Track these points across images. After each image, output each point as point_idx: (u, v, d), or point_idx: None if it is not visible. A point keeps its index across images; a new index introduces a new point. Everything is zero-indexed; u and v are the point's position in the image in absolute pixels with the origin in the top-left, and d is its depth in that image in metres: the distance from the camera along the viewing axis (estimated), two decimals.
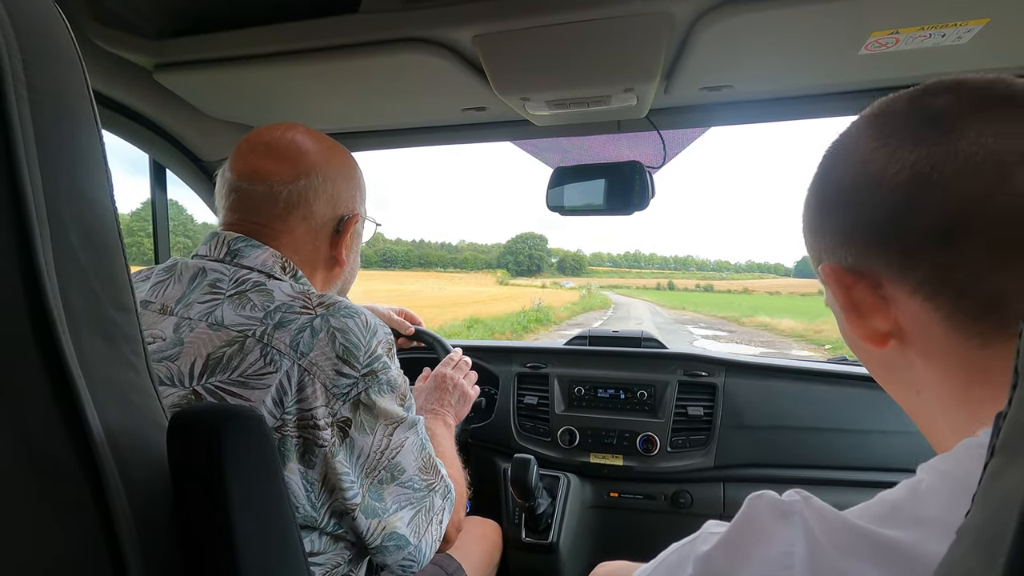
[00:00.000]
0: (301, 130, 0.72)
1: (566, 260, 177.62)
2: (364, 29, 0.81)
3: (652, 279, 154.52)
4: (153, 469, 0.40)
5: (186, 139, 1.20)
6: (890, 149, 0.35)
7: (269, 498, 0.46)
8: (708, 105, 1.07)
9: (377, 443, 0.62)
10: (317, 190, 0.70)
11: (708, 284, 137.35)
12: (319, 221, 0.71)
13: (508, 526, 1.30)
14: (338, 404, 0.58)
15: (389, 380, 0.63)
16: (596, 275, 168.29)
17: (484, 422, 1.44)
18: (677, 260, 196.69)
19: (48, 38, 0.34)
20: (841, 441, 1.26)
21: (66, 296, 0.34)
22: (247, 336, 0.58)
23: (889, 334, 0.36)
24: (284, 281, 0.65)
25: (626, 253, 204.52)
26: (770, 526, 0.32)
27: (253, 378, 0.56)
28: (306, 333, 0.59)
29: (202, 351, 0.58)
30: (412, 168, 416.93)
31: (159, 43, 0.89)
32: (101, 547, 0.35)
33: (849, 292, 0.37)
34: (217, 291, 0.62)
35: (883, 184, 0.34)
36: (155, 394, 0.42)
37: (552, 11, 0.73)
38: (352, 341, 0.60)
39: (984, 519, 0.19)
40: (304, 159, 0.69)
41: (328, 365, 0.58)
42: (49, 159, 0.33)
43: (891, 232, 0.34)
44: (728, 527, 0.35)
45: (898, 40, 0.75)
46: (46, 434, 0.33)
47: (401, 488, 0.64)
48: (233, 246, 0.66)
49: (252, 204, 0.68)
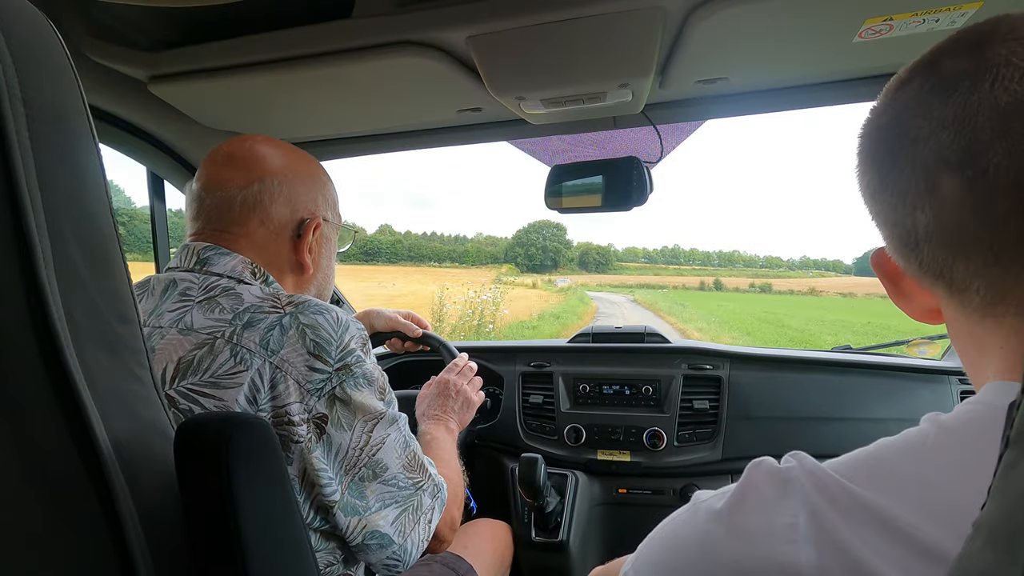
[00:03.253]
0: (262, 139, 0.74)
1: (589, 254, 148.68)
2: (357, 34, 0.81)
3: (693, 276, 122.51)
4: (161, 479, 0.40)
5: (182, 150, 1.20)
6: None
7: (277, 504, 0.46)
8: (704, 98, 1.07)
9: (356, 439, 0.62)
10: (272, 193, 0.70)
11: (765, 283, 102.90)
12: (277, 224, 0.71)
13: (518, 526, 1.30)
14: (312, 400, 0.59)
15: (364, 374, 0.63)
16: (626, 271, 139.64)
17: (490, 423, 1.44)
18: (721, 256, 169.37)
19: (42, 53, 0.34)
20: (849, 429, 1.25)
21: (69, 311, 0.34)
22: (216, 338, 0.59)
23: (939, 310, 0.38)
24: (254, 285, 0.66)
25: (663, 248, 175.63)
26: (770, 496, 0.32)
27: (224, 378, 0.57)
28: (276, 331, 0.59)
29: (173, 356, 0.58)
30: (455, 166, 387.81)
31: (153, 55, 0.89)
32: (111, 558, 0.35)
33: (892, 278, 0.39)
34: (187, 298, 0.63)
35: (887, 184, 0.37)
36: (160, 404, 0.42)
37: (545, 10, 0.73)
38: (323, 336, 0.60)
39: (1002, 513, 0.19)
40: (259, 165, 0.71)
41: (300, 361, 0.58)
42: (47, 174, 0.33)
43: (890, 227, 0.37)
44: (728, 497, 0.35)
45: (892, 27, 0.75)
46: (53, 448, 0.33)
47: (385, 486, 0.64)
48: (203, 255, 0.67)
49: (211, 211, 0.69)
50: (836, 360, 1.34)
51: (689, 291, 76.68)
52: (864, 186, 0.38)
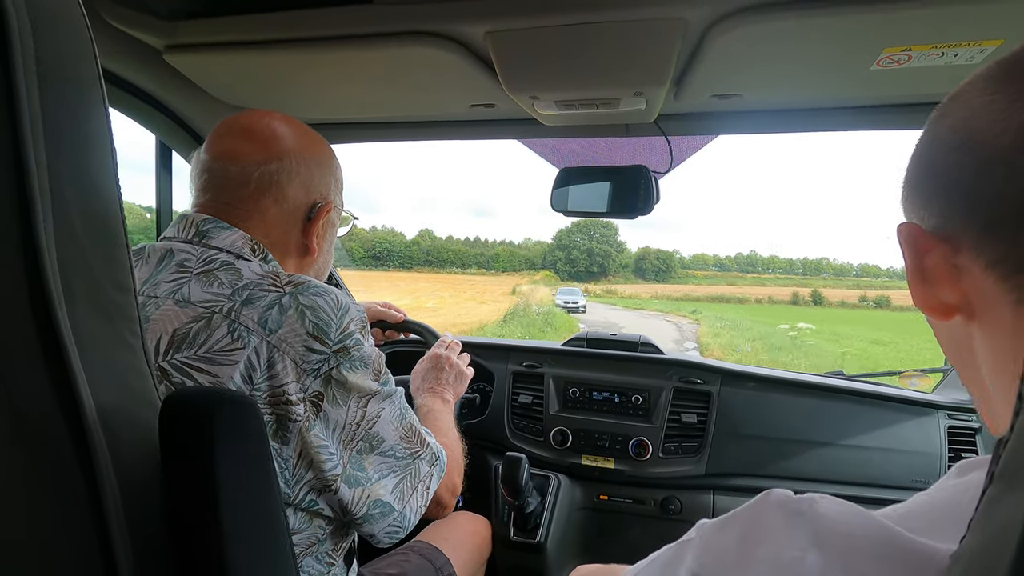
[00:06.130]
0: (279, 117, 0.73)
1: (647, 259, 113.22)
2: (377, 20, 0.80)
3: (778, 287, 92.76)
4: (144, 449, 0.40)
5: (193, 121, 1.20)
6: (1003, 105, 0.30)
7: (257, 481, 0.46)
8: (716, 113, 1.07)
9: (352, 414, 0.62)
10: (290, 173, 0.70)
11: (881, 295, 71.38)
12: (291, 205, 0.71)
13: (497, 523, 1.30)
14: (309, 379, 0.59)
15: (362, 356, 0.63)
16: (693, 280, 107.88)
17: (478, 419, 1.44)
18: (807, 264, 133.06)
19: (60, 13, 0.34)
20: (835, 455, 1.26)
21: (65, 275, 0.34)
22: (214, 312, 0.58)
23: (956, 307, 0.33)
24: (253, 262, 0.65)
25: (737, 255, 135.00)
26: (779, 526, 0.31)
27: (220, 354, 0.56)
28: (274, 310, 0.59)
29: (168, 328, 0.58)
30: (515, 166, 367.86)
31: (171, 24, 0.89)
32: (87, 522, 0.35)
33: (922, 257, 0.34)
34: (184, 270, 0.62)
35: (983, 145, 0.30)
36: (150, 375, 0.42)
37: (566, 11, 0.73)
38: (322, 318, 0.60)
39: (981, 546, 0.19)
40: (279, 143, 0.70)
41: (298, 341, 0.58)
42: (55, 135, 0.33)
43: (979, 199, 0.31)
44: (734, 521, 0.34)
45: (910, 57, 0.75)
46: (39, 409, 0.33)
47: (382, 457, 0.65)
48: (202, 227, 0.66)
49: (224, 184, 0.68)
50: (827, 385, 1.34)
51: (779, 305, 56.23)
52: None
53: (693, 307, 41.34)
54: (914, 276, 0.35)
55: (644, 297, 62.85)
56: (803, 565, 0.29)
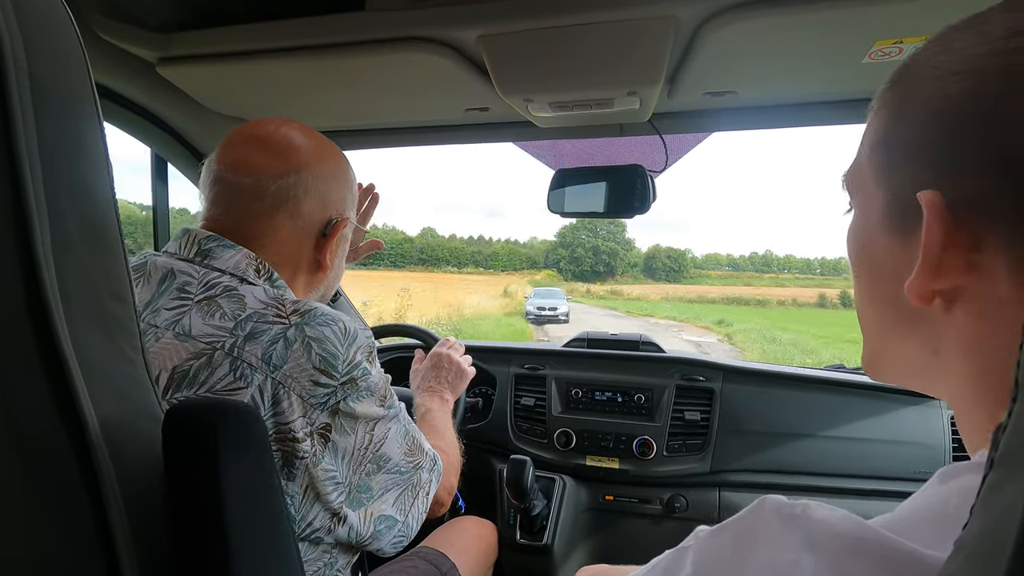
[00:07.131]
0: (296, 126, 0.69)
1: (657, 258, 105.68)
2: (369, 27, 0.81)
3: (799, 288, 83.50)
4: (147, 461, 0.40)
5: (188, 133, 1.20)
6: None
7: (262, 491, 0.46)
8: (711, 110, 1.07)
9: (360, 441, 0.61)
10: (307, 188, 0.66)
11: None
12: (306, 221, 0.67)
13: (503, 527, 1.30)
14: (316, 413, 0.57)
15: (368, 386, 0.61)
16: (707, 280, 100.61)
17: (481, 423, 1.44)
18: (824, 264, 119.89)
19: (52, 28, 0.34)
20: (838, 449, 1.26)
21: (64, 287, 0.34)
22: (216, 349, 0.55)
23: (940, 292, 0.30)
24: (258, 285, 0.61)
25: (752, 254, 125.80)
26: (774, 530, 0.31)
27: (222, 393, 0.54)
28: (279, 344, 0.56)
29: (167, 364, 0.55)
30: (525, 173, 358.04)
31: (163, 36, 0.89)
32: (93, 538, 0.35)
33: (944, 238, 0.29)
34: (185, 296, 0.59)
35: None
36: (151, 387, 0.42)
37: (557, 13, 0.73)
38: (329, 351, 0.58)
39: (982, 532, 0.19)
40: (296, 155, 0.66)
41: (304, 376, 0.56)
42: (49, 149, 0.33)
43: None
44: (729, 526, 0.34)
45: (902, 49, 0.75)
46: (41, 425, 0.33)
47: (388, 475, 0.65)
48: (204, 246, 0.62)
49: (236, 197, 0.64)
50: (828, 379, 1.34)
51: (805, 309, 50.50)
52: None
53: (717, 314, 31.85)
54: (925, 260, 0.30)
55: (653, 299, 56.72)
56: (798, 568, 0.29)
